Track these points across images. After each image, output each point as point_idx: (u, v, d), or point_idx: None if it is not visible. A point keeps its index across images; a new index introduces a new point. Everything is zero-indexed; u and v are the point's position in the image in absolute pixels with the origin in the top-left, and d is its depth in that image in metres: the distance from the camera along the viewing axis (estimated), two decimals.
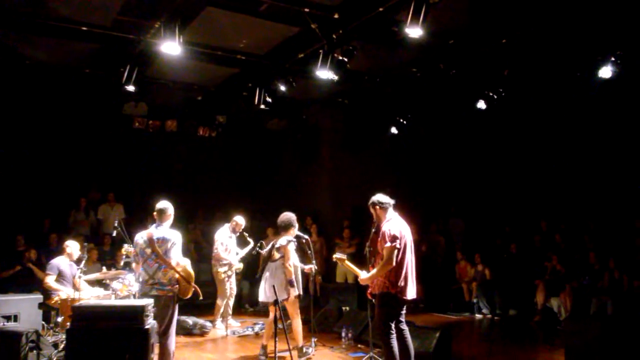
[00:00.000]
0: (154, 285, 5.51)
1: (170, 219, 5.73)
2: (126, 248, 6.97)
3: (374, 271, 5.41)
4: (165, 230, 5.65)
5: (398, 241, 5.23)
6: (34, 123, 11.21)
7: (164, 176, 12.42)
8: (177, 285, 5.57)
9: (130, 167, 12.33)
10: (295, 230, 6.76)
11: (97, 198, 11.67)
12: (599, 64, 8.45)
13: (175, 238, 5.62)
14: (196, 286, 5.76)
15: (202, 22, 7.86)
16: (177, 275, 5.54)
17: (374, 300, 5.58)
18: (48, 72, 9.78)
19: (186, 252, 5.90)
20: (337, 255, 6.18)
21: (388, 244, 5.23)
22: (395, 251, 5.22)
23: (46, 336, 6.72)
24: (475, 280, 10.71)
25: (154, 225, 5.70)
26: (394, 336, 5.31)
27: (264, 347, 6.73)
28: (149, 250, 5.55)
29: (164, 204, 5.74)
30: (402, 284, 5.27)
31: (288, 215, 6.80)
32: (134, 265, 6.09)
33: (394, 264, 5.21)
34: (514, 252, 10.76)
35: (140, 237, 5.68)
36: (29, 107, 11.01)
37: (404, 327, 5.47)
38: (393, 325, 5.34)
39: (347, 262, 6.09)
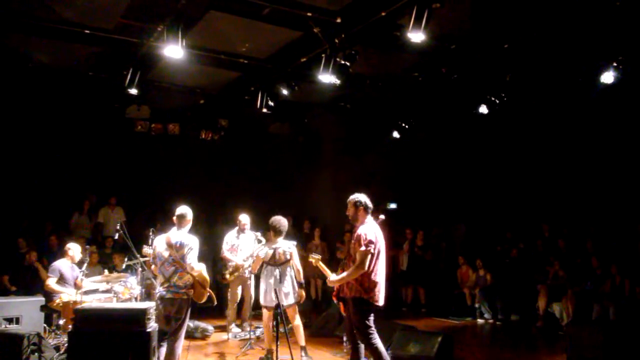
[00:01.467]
0: (170, 288, 5.56)
1: (189, 224, 5.80)
2: (145, 250, 7.00)
3: (344, 274, 5.37)
4: (183, 235, 5.70)
5: (373, 246, 5.20)
6: (36, 125, 11.23)
7: (166, 179, 12.43)
8: (192, 290, 5.61)
9: (133, 171, 12.35)
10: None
11: (100, 201, 11.68)
12: (600, 69, 8.46)
13: (192, 243, 5.67)
14: (211, 291, 5.83)
15: (205, 26, 7.88)
16: (192, 280, 5.58)
17: (338, 303, 5.61)
18: (51, 74, 9.80)
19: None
20: (313, 255, 6.25)
21: (363, 248, 5.20)
22: (369, 256, 5.18)
23: (48, 339, 6.73)
24: (477, 285, 10.70)
25: (174, 229, 5.75)
26: (375, 334, 5.31)
27: (270, 351, 6.73)
28: (166, 254, 5.61)
29: (184, 209, 5.79)
30: (375, 290, 5.25)
31: (285, 220, 6.90)
32: (152, 267, 6.14)
33: (366, 268, 5.18)
34: (516, 256, 10.75)
35: (159, 240, 5.76)
36: (32, 110, 11.03)
37: None
38: (373, 326, 5.32)
39: (321, 263, 6.14)
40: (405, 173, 13.70)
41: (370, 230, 5.32)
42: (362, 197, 5.56)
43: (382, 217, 6.48)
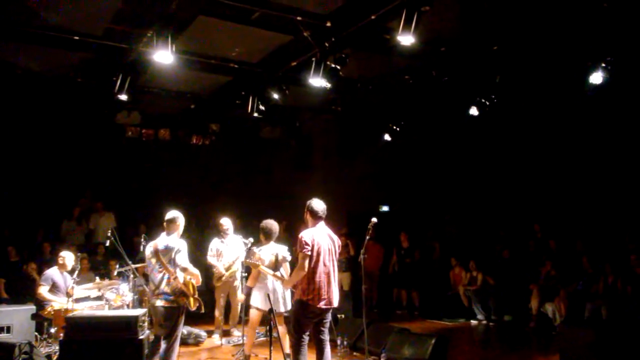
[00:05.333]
0: (159, 296, 5.54)
1: (179, 229, 5.79)
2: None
3: (288, 277, 5.57)
4: (170, 239, 5.67)
5: (308, 248, 5.24)
6: (26, 133, 11.16)
7: (157, 185, 12.38)
8: (183, 297, 5.60)
9: (124, 176, 12.30)
10: None
11: (90, 207, 11.61)
12: (589, 70, 8.51)
13: (180, 245, 5.65)
14: (199, 298, 5.81)
15: (195, 31, 7.87)
16: (181, 286, 5.55)
17: None
18: (40, 81, 9.75)
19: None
20: (250, 260, 6.22)
21: (300, 251, 5.27)
22: (307, 259, 5.23)
23: (39, 347, 6.67)
24: (470, 286, 10.72)
25: (163, 234, 5.74)
26: (304, 345, 5.33)
27: (247, 357, 6.74)
28: (154, 260, 5.59)
29: (173, 214, 5.78)
30: (314, 291, 5.27)
31: (276, 224, 6.80)
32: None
33: (305, 270, 5.23)
34: (508, 257, 10.78)
35: (148, 247, 5.75)
36: (21, 117, 10.97)
37: (324, 337, 5.49)
38: (305, 335, 5.35)
39: (263, 267, 6.13)
40: (397, 175, 13.72)
41: (309, 233, 5.36)
42: (311, 202, 5.63)
43: (374, 220, 6.50)
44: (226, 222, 8.51)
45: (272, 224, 6.76)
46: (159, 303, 5.51)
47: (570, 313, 9.04)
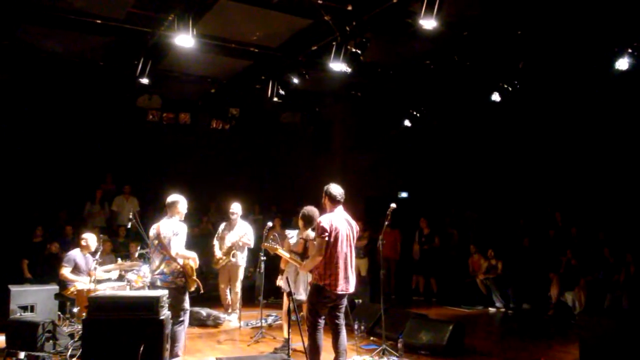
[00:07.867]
0: (159, 276, 5.72)
1: (180, 212, 5.87)
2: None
3: (307, 261, 5.57)
4: (171, 223, 5.78)
5: (327, 234, 5.23)
6: (49, 116, 11.31)
7: (177, 169, 12.48)
8: (182, 278, 5.73)
9: (144, 160, 12.42)
10: None
11: (112, 190, 11.77)
12: (615, 55, 8.34)
13: (178, 229, 5.74)
14: (197, 280, 5.91)
15: (216, 15, 7.86)
16: (180, 268, 5.69)
17: None
18: (63, 65, 9.85)
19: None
20: (267, 244, 6.27)
21: (318, 237, 5.27)
22: (325, 244, 5.22)
23: (62, 326, 6.82)
24: (489, 273, 10.67)
25: (165, 217, 5.85)
26: (320, 329, 5.35)
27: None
28: (156, 242, 5.75)
29: (174, 197, 5.88)
30: (331, 277, 5.27)
31: (317, 210, 6.64)
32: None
33: (322, 256, 5.24)
34: (528, 245, 10.70)
35: (152, 229, 5.89)
36: (45, 100, 11.11)
37: (340, 321, 5.51)
38: (321, 319, 5.38)
39: (281, 251, 6.14)
40: (416, 162, 13.65)
41: (327, 219, 5.34)
42: (329, 187, 5.57)
43: (393, 205, 6.48)
44: (234, 207, 8.56)
45: (315, 211, 6.58)
46: (158, 283, 5.71)
47: (590, 302, 8.96)
